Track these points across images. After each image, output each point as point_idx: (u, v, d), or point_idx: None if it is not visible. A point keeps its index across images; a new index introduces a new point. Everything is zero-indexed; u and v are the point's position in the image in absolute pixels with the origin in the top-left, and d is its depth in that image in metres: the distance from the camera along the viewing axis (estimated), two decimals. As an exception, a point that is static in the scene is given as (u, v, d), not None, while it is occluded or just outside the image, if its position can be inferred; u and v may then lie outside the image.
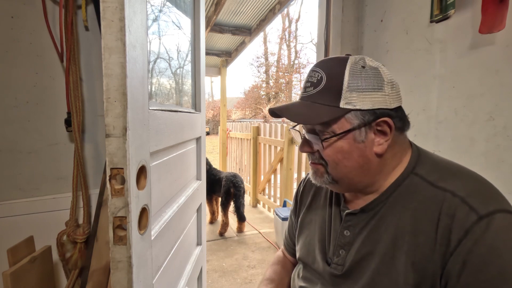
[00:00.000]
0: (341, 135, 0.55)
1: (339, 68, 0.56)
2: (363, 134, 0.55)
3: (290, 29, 21.26)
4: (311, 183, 0.80)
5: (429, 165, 0.58)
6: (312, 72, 0.60)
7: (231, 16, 3.82)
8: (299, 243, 0.76)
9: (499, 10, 0.84)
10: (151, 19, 0.86)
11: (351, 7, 1.50)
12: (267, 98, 21.36)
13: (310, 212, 0.76)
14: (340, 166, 0.57)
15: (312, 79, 0.59)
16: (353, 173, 0.57)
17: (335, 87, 0.55)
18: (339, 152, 0.56)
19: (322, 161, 0.59)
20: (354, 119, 0.55)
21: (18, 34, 1.14)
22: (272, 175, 3.88)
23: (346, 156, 0.56)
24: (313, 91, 0.58)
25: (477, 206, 0.48)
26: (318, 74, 0.58)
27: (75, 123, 1.18)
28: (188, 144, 1.14)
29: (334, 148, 0.56)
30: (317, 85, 0.57)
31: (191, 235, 1.19)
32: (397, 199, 0.57)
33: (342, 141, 0.56)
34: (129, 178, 0.54)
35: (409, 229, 0.53)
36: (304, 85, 0.62)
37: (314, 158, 0.61)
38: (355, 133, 0.55)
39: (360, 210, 0.60)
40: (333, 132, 0.56)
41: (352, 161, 0.56)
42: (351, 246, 0.60)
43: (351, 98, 0.54)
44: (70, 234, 1.17)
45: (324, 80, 0.57)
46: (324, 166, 0.59)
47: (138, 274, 0.59)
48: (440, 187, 0.53)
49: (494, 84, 0.90)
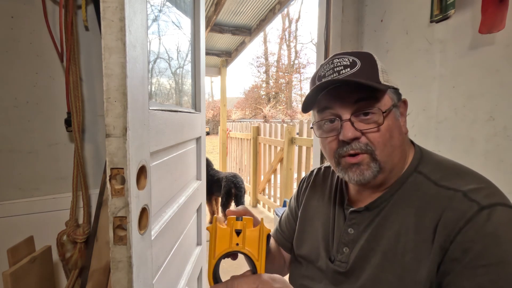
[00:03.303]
0: (388, 112, 0.56)
1: (368, 55, 0.59)
2: (398, 112, 0.58)
3: (290, 29, 21.28)
4: (314, 181, 0.80)
5: (432, 164, 0.58)
6: (337, 59, 0.58)
7: (231, 16, 3.82)
8: (299, 240, 0.75)
9: (499, 10, 0.84)
10: (151, 19, 0.86)
11: (351, 7, 1.50)
12: (267, 98, 21.36)
13: (313, 210, 0.75)
14: (387, 147, 0.55)
15: (344, 63, 0.57)
16: (395, 154, 0.57)
17: (372, 67, 0.57)
18: (388, 131, 0.55)
19: (369, 146, 0.55)
20: (393, 96, 0.58)
21: (18, 34, 1.13)
22: (272, 175, 3.88)
23: (392, 134, 0.56)
24: (350, 71, 0.56)
25: (479, 199, 0.49)
26: (348, 59, 0.57)
27: (75, 123, 1.18)
28: (188, 144, 1.14)
29: (384, 126, 0.55)
30: (353, 66, 0.56)
31: (191, 235, 1.19)
32: (401, 197, 0.57)
33: (388, 119, 0.56)
34: (129, 178, 0.54)
35: (413, 227, 0.53)
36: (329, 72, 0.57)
37: (359, 147, 0.55)
38: (394, 111, 0.57)
39: (364, 208, 0.61)
40: (380, 109, 0.55)
41: (396, 139, 0.56)
42: (355, 244, 0.60)
43: (386, 77, 0.57)
44: (70, 234, 1.17)
45: (359, 62, 0.56)
46: (371, 153, 0.55)
47: (138, 274, 0.59)
48: (443, 186, 0.53)
49: (494, 84, 0.90)
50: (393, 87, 0.58)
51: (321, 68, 0.61)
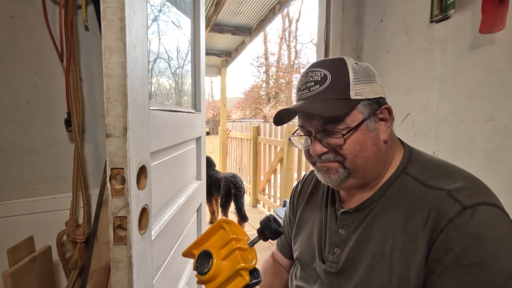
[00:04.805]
0: (357, 126, 0.56)
1: (341, 65, 0.58)
2: (373, 123, 0.58)
3: (290, 29, 21.26)
4: (308, 184, 0.81)
5: (420, 165, 0.59)
6: (310, 72, 0.60)
7: (231, 16, 3.82)
8: (296, 243, 0.76)
9: (499, 10, 0.84)
10: (151, 19, 0.86)
11: (351, 7, 1.50)
12: (267, 98, 21.36)
13: (307, 213, 0.76)
14: (358, 158, 0.57)
15: (315, 78, 0.59)
16: (369, 163, 0.58)
17: (343, 81, 0.57)
18: (357, 144, 0.57)
19: (338, 157, 0.58)
20: (364, 109, 0.58)
21: (18, 34, 1.13)
22: (272, 175, 3.88)
23: (363, 146, 0.57)
24: (319, 88, 0.58)
25: (462, 199, 0.49)
26: (320, 73, 0.58)
27: (75, 123, 1.18)
28: (188, 144, 1.14)
29: (352, 140, 0.57)
30: (323, 82, 0.57)
31: (191, 235, 1.19)
32: (389, 198, 0.58)
33: (358, 133, 0.57)
34: (130, 178, 0.54)
35: (401, 228, 0.54)
36: (303, 86, 0.61)
37: (328, 158, 0.59)
38: (367, 123, 0.57)
39: (354, 209, 0.62)
40: (348, 125, 0.56)
41: (368, 151, 0.57)
42: (345, 244, 0.61)
43: (358, 89, 0.57)
44: (70, 234, 1.17)
45: (329, 77, 0.57)
46: (340, 163, 0.58)
47: (138, 274, 0.59)
48: (430, 186, 0.54)
49: (494, 84, 0.90)
50: (366, 99, 0.57)
51: (299, 80, 0.63)
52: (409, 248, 0.52)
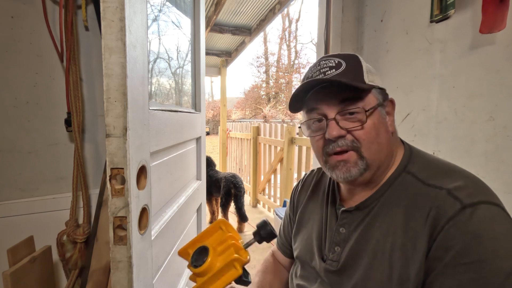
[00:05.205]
0: (374, 109, 0.57)
1: (353, 57, 0.60)
2: (383, 111, 0.59)
3: (290, 29, 21.27)
4: (309, 183, 0.81)
5: (420, 164, 0.59)
6: (323, 61, 0.60)
7: (231, 16, 3.81)
8: (296, 242, 0.76)
9: (500, 10, 0.84)
10: (151, 19, 0.86)
11: (351, 7, 1.50)
12: (267, 98, 21.35)
13: (307, 212, 0.76)
14: (374, 144, 0.57)
15: (329, 65, 0.59)
16: (382, 150, 0.58)
17: (357, 68, 0.58)
18: (373, 129, 0.57)
19: (355, 143, 0.56)
20: (378, 95, 0.59)
21: (18, 34, 1.13)
22: (272, 175, 3.88)
23: (378, 132, 0.57)
24: (335, 72, 0.57)
25: (462, 197, 0.49)
26: (334, 60, 0.59)
27: (75, 123, 1.18)
28: (188, 144, 1.14)
29: (369, 125, 0.57)
30: (338, 67, 0.58)
31: (191, 235, 1.19)
32: (390, 197, 0.58)
33: (373, 117, 0.57)
34: (129, 178, 0.54)
35: (402, 226, 0.54)
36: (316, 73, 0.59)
37: (345, 143, 0.57)
38: (380, 109, 0.58)
39: (355, 208, 0.62)
40: (364, 108, 0.56)
41: (382, 137, 0.58)
42: (346, 243, 0.61)
43: (371, 78, 0.58)
44: (70, 234, 1.17)
45: (344, 63, 0.58)
46: (357, 150, 0.56)
47: (138, 274, 0.59)
48: (431, 185, 0.54)
49: (494, 84, 0.90)
50: (378, 87, 0.59)
51: (309, 70, 0.63)
52: (409, 246, 0.52)
